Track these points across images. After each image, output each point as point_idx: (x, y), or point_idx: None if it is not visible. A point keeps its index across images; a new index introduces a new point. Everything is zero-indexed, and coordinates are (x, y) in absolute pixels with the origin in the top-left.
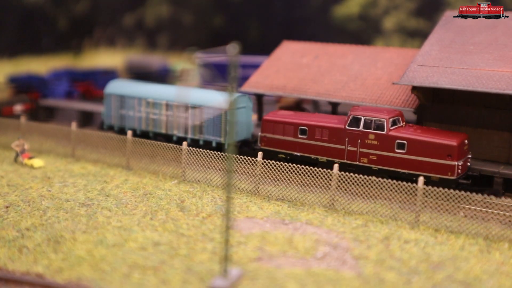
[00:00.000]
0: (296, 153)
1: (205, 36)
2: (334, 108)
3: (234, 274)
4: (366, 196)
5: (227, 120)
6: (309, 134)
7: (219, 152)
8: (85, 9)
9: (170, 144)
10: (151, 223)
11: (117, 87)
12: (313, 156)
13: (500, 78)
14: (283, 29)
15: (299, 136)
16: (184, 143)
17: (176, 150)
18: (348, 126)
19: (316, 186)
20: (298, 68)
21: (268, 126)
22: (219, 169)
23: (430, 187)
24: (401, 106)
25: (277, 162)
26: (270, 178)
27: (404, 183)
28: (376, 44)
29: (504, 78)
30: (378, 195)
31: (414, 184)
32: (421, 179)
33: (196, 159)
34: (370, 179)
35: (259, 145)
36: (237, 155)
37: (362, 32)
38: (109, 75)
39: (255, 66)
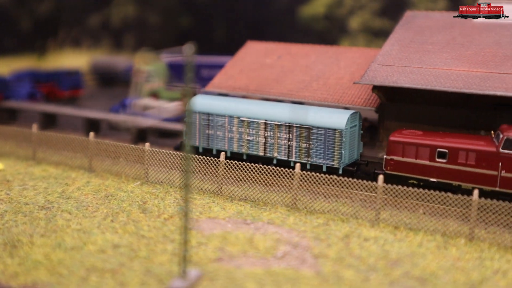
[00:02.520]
0: (432, 179)
1: (172, 37)
2: None
3: (193, 275)
4: (328, 195)
5: (344, 141)
6: (449, 157)
7: (179, 152)
8: (49, 9)
9: (133, 145)
10: (111, 225)
11: (203, 103)
12: (454, 183)
13: (457, 77)
14: (251, 29)
15: (437, 159)
16: (147, 144)
17: (139, 151)
18: (502, 149)
19: (279, 186)
20: (261, 68)
21: (396, 148)
22: (183, 170)
23: (389, 185)
24: (362, 105)
25: (239, 162)
26: (233, 178)
27: (365, 181)
28: (342, 44)
29: (461, 77)
30: (340, 194)
31: (374, 183)
32: (381, 178)
33: (160, 159)
34: (331, 177)
35: (384, 169)
36: (356, 179)
37: (328, 32)
38: (73, 76)
39: (222, 67)
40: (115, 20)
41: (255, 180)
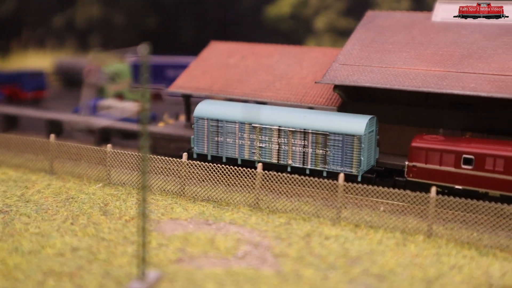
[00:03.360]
0: (457, 186)
1: (138, 37)
2: None
3: (152, 277)
4: (291, 194)
5: (363, 147)
6: (476, 164)
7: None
8: (11, 9)
9: (95, 147)
10: (71, 228)
11: (211, 109)
12: (481, 190)
13: (416, 76)
14: (217, 29)
15: (463, 166)
16: (109, 145)
17: (101, 153)
18: None
19: (242, 186)
20: (225, 69)
21: (418, 154)
22: (147, 171)
23: (350, 183)
24: (324, 104)
25: (202, 162)
26: (196, 179)
27: (326, 180)
28: (308, 43)
29: (419, 76)
30: (302, 193)
31: (335, 181)
32: (341, 176)
33: (122, 161)
34: (292, 177)
35: (406, 176)
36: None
37: (294, 32)
38: (36, 77)
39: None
40: (80, 20)
41: (218, 180)
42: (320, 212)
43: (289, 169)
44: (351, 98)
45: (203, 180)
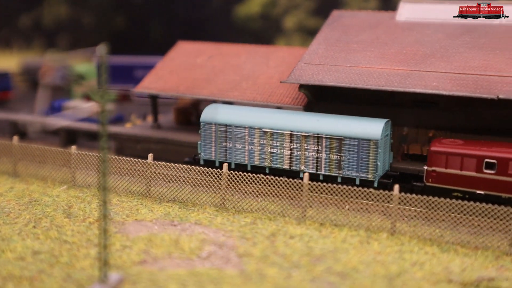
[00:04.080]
0: (479, 191)
1: (106, 37)
2: None
3: (114, 279)
4: (257, 193)
5: (379, 152)
6: (499, 168)
7: (109, 156)
8: None
9: (59, 149)
10: (33, 232)
11: (218, 113)
12: (503, 195)
13: (380, 75)
14: (187, 29)
15: (485, 170)
16: (73, 147)
17: (66, 155)
18: None
19: (208, 186)
20: (192, 69)
21: (438, 159)
22: (113, 173)
23: (315, 182)
24: (291, 104)
25: (167, 163)
26: (162, 180)
27: (291, 179)
28: (278, 43)
29: (383, 75)
30: (268, 192)
31: (300, 180)
32: (306, 175)
33: (88, 162)
34: (258, 176)
35: (425, 181)
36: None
37: (264, 31)
38: (1, 78)
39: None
40: (47, 20)
41: (184, 181)
42: (285, 211)
43: (301, 175)
44: (317, 98)
45: (170, 181)
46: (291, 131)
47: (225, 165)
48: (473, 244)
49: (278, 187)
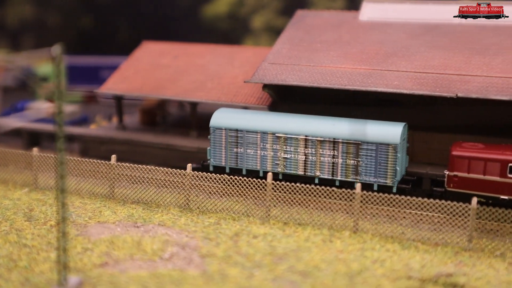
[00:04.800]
0: (503, 197)
1: (72, 37)
2: (193, 108)
3: (73, 282)
4: (221, 193)
5: (398, 156)
6: None
7: (73, 158)
8: None
9: (21, 151)
10: None
11: (229, 118)
12: None
13: (342, 74)
14: (154, 29)
15: (509, 175)
16: (35, 149)
17: (27, 157)
18: None
19: (173, 187)
20: (157, 69)
21: (460, 163)
22: (76, 174)
23: (278, 182)
24: (255, 103)
25: (131, 164)
26: (126, 181)
27: (254, 179)
28: (246, 43)
29: (346, 74)
30: (233, 192)
31: (264, 180)
32: (270, 175)
33: (50, 164)
34: (221, 177)
35: (446, 186)
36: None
37: (232, 31)
38: None
39: None
40: (11, 20)
41: (148, 182)
42: (250, 211)
43: (316, 181)
44: (281, 97)
45: (135, 182)
46: (306, 136)
47: (189, 165)
48: (433, 241)
49: (243, 187)
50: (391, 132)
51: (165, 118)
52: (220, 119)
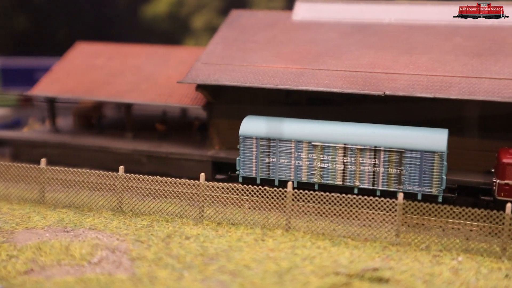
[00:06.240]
0: None
1: (7, 39)
2: (128, 109)
3: None
4: (156, 195)
5: (445, 164)
6: None
7: (1, 162)
8: None
9: None
10: None
11: (260, 126)
12: None
13: (275, 73)
14: (92, 30)
15: None
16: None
17: None
18: None
19: (105, 190)
20: (90, 70)
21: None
22: (4, 179)
23: (211, 182)
24: (190, 104)
25: (65, 167)
26: (57, 185)
27: (188, 180)
28: (186, 43)
29: (278, 74)
30: (167, 194)
31: (196, 181)
32: (202, 175)
33: None
34: (154, 178)
35: (497, 195)
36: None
37: (172, 31)
38: None
39: None
40: None
41: (81, 185)
42: (183, 212)
43: (355, 191)
44: (215, 98)
45: (67, 186)
46: (345, 144)
47: (121, 168)
48: (363, 236)
49: (177, 187)
50: (436, 139)
51: (101, 120)
52: (250, 127)
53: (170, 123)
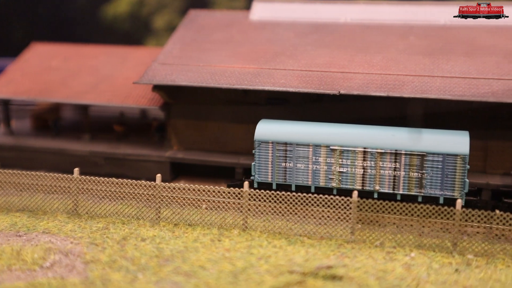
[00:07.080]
0: None
1: None
2: (84, 111)
3: None
4: (112, 197)
5: (468, 167)
6: None
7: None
8: None
9: None
10: None
11: (276, 130)
12: None
13: (231, 73)
14: (51, 30)
15: None
16: None
17: None
18: None
19: (60, 192)
20: (46, 71)
21: None
22: None
23: (167, 183)
24: (147, 104)
25: (20, 170)
26: (10, 188)
27: (143, 181)
28: (148, 43)
29: (235, 74)
30: (123, 196)
31: (153, 182)
32: (158, 176)
33: None
34: (110, 180)
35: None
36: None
37: (133, 31)
38: None
39: None
40: None
41: (35, 188)
42: (140, 214)
43: (375, 196)
44: (172, 98)
45: (21, 190)
46: (365, 148)
47: (76, 170)
48: (318, 235)
49: (134, 189)
50: (459, 142)
51: (57, 122)
52: (266, 131)
53: (128, 124)
